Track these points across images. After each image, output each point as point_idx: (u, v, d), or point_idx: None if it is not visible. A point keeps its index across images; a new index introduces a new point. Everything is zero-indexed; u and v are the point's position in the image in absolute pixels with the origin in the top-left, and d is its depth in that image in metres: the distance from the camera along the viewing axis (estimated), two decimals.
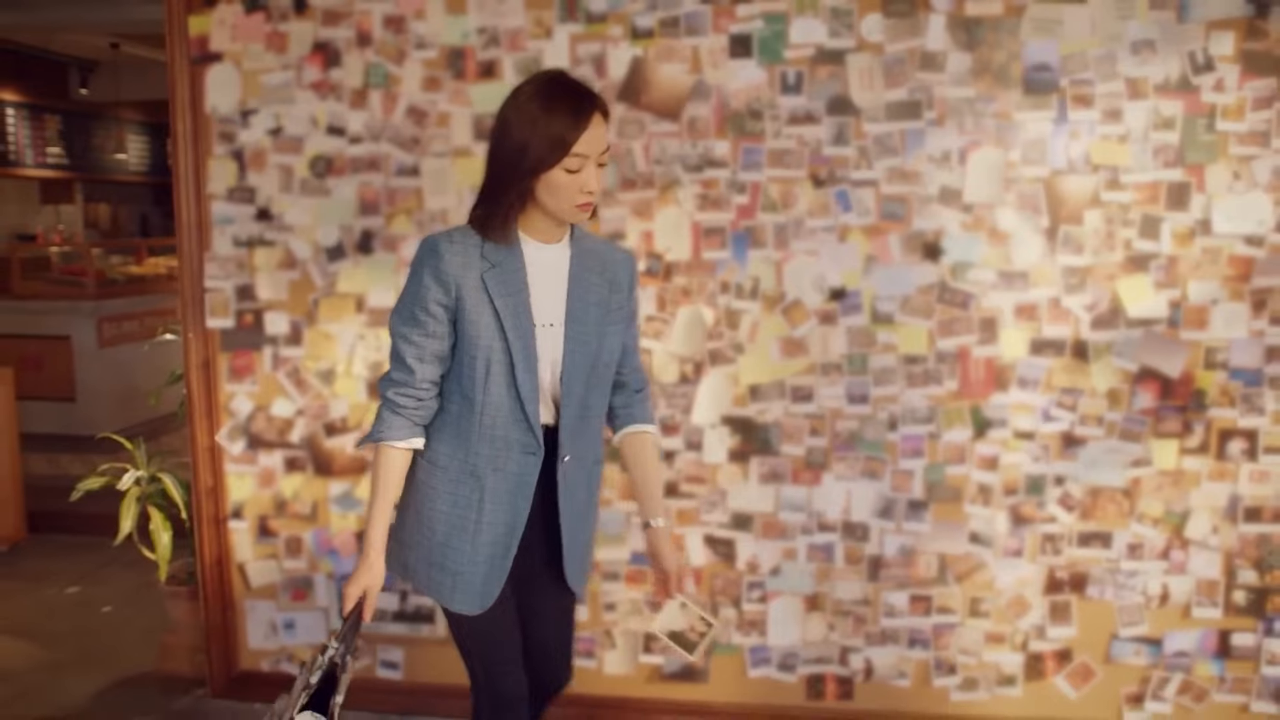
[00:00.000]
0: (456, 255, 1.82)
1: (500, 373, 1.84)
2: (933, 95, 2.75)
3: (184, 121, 2.97)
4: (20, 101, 8.70)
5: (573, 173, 1.77)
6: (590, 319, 1.90)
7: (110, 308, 6.27)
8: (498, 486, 1.88)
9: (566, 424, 1.90)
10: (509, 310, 1.82)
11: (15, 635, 3.76)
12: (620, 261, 1.99)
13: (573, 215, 1.83)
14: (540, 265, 1.88)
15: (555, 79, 1.82)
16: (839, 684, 2.97)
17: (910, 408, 2.84)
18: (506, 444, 1.87)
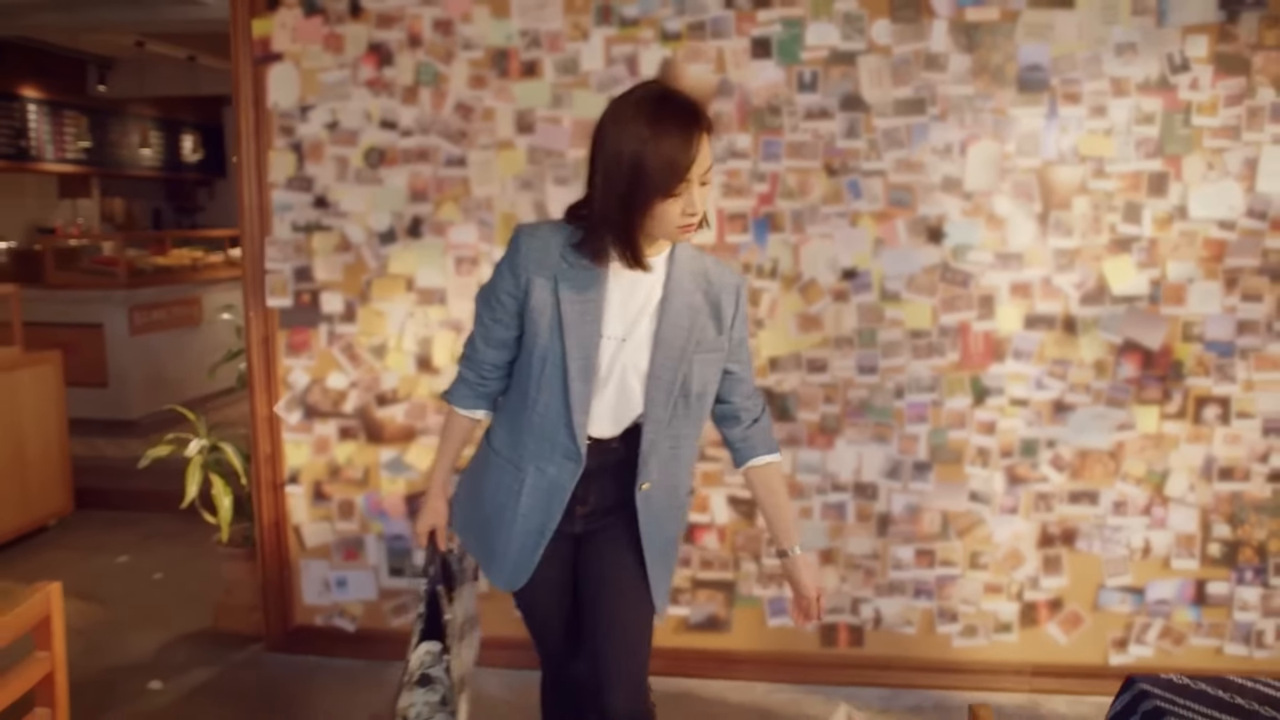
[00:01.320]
0: (534, 250, 1.81)
1: (554, 376, 1.81)
2: (936, 93, 3.02)
3: (247, 117, 3.22)
4: (41, 98, 8.93)
5: (677, 196, 1.68)
6: (677, 344, 1.82)
7: (140, 297, 6.51)
8: (537, 484, 1.88)
9: (647, 452, 1.85)
10: (574, 315, 1.78)
11: (76, 598, 4.00)
12: (728, 286, 1.88)
13: (674, 236, 1.75)
14: (625, 277, 1.81)
15: (664, 96, 1.70)
16: (851, 632, 3.24)
17: (915, 377, 3.11)
18: (552, 445, 1.85)
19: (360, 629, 3.41)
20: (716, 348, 1.87)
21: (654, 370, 1.81)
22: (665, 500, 1.92)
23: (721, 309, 1.86)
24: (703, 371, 1.86)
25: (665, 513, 1.93)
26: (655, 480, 1.88)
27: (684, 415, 1.87)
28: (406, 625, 3.37)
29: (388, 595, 3.39)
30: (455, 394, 1.99)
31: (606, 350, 1.81)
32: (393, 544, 3.35)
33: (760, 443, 1.99)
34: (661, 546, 1.94)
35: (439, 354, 3.24)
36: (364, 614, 3.41)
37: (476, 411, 1.99)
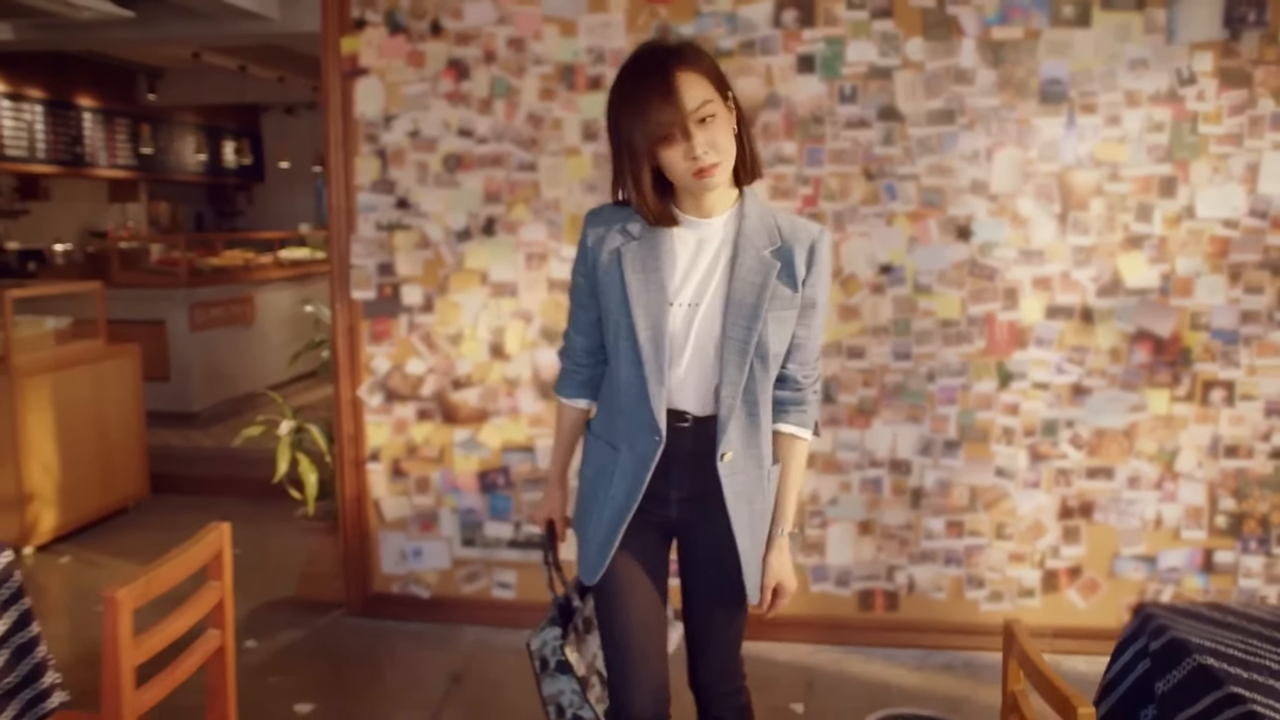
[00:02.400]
0: (598, 228, 1.84)
1: (628, 348, 1.79)
2: (965, 104, 3.32)
3: (336, 126, 3.55)
4: (95, 106, 9.31)
5: (667, 141, 1.68)
6: (750, 301, 1.76)
7: (200, 295, 6.86)
8: (627, 463, 1.84)
9: (725, 418, 1.79)
10: (639, 286, 1.76)
11: None
12: (803, 238, 1.80)
13: (692, 185, 1.71)
14: (690, 241, 1.80)
15: (636, 52, 1.74)
16: (886, 597, 3.53)
17: (946, 363, 3.41)
18: (636, 421, 1.81)
19: (434, 595, 3.72)
20: (792, 305, 1.79)
21: (727, 331, 1.75)
22: (750, 471, 1.84)
23: (795, 263, 1.78)
24: (779, 330, 1.78)
25: (752, 485, 1.85)
26: (737, 450, 1.81)
27: (761, 379, 1.79)
28: (477, 592, 3.69)
29: (460, 564, 3.70)
30: (559, 385, 2.03)
31: (677, 318, 1.77)
32: (465, 517, 3.66)
33: (793, 411, 1.89)
34: (749, 521, 1.85)
35: (510, 342, 3.56)
36: (437, 582, 3.72)
37: (579, 400, 2.00)
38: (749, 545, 1.87)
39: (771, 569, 1.91)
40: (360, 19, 3.50)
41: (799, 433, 1.91)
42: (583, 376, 1.99)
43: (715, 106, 1.69)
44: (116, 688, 1.74)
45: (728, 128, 1.71)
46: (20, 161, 8.39)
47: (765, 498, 1.88)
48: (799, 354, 1.85)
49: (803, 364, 1.87)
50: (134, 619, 1.80)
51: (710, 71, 1.71)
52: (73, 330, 4.99)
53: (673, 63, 1.68)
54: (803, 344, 1.85)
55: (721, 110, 1.70)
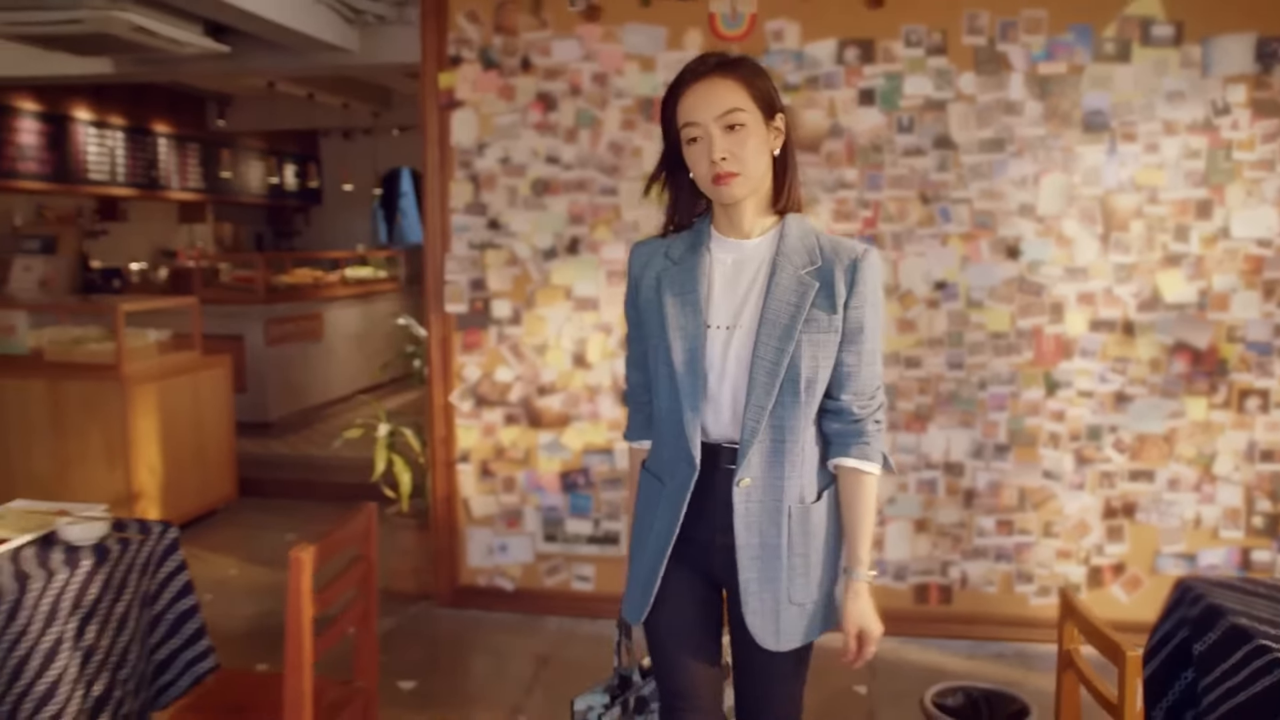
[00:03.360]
0: (641, 255, 1.85)
1: (666, 373, 1.75)
2: (1014, 134, 3.59)
3: (434, 153, 3.88)
4: (169, 132, 9.77)
5: (694, 142, 1.69)
6: (783, 322, 1.69)
7: (275, 311, 7.24)
8: (671, 495, 1.78)
9: (747, 441, 1.71)
10: (676, 309, 1.74)
11: (261, 565, 4.67)
12: (844, 257, 1.73)
13: (712, 191, 1.71)
14: (728, 263, 1.77)
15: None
16: (940, 591, 3.79)
17: (996, 372, 3.68)
18: (675, 451, 1.77)
19: (518, 588, 4.02)
20: (829, 329, 1.70)
21: (758, 351, 1.69)
22: (767, 503, 1.74)
23: (835, 285, 1.70)
24: (813, 354, 1.69)
25: (766, 517, 1.74)
26: (756, 477, 1.73)
27: (791, 404, 1.70)
28: (558, 584, 3.99)
29: (542, 558, 3.99)
30: (627, 429, 1.98)
31: (715, 342, 1.72)
32: (548, 514, 3.96)
33: (853, 443, 1.77)
34: (759, 554, 1.74)
35: (591, 352, 3.86)
36: (521, 575, 4.02)
37: (645, 441, 1.94)
38: (752, 579, 1.74)
39: (851, 616, 1.78)
40: (456, 56, 3.83)
41: (863, 466, 1.77)
42: (645, 415, 1.92)
43: (746, 118, 1.66)
44: (299, 633, 2.05)
45: (759, 146, 1.69)
46: (102, 185, 8.85)
47: (781, 535, 1.74)
48: (852, 384, 1.75)
49: (858, 394, 1.75)
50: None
51: (753, 87, 1.69)
52: (171, 342, 5.35)
53: (715, 67, 1.69)
54: (854, 373, 1.74)
55: (755, 125, 1.68)
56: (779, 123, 1.73)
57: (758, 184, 1.72)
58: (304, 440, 7.05)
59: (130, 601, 2.45)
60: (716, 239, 1.79)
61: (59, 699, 2.20)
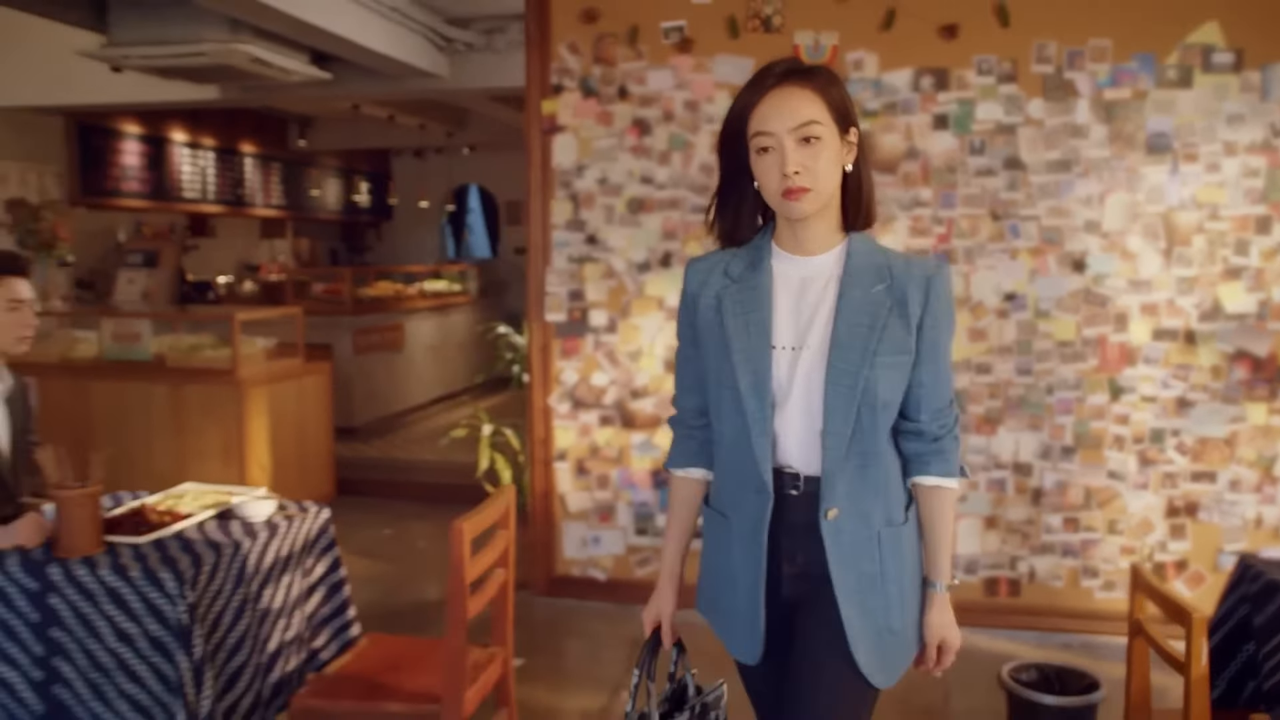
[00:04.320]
0: (698, 273, 1.76)
1: (730, 398, 1.68)
2: (1080, 155, 3.84)
3: (536, 174, 4.21)
4: (254, 152, 10.25)
5: (766, 152, 1.61)
6: (857, 344, 1.63)
7: (361, 322, 7.64)
8: (741, 529, 1.71)
9: (830, 470, 1.64)
10: (739, 329, 1.67)
11: (363, 557, 5.01)
12: (917, 275, 1.67)
13: (781, 206, 1.63)
14: (793, 280, 1.70)
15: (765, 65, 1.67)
16: (1009, 585, 4.02)
17: (1063, 378, 3.92)
18: (742, 480, 1.69)
19: (609, 578, 4.31)
20: (906, 349, 1.65)
21: (832, 375, 1.62)
22: (858, 531, 1.67)
23: (908, 303, 1.65)
24: (890, 376, 1.64)
25: (859, 548, 1.67)
26: (844, 507, 1.66)
27: (870, 428, 1.65)
28: (648, 575, 4.28)
29: (633, 550, 4.29)
30: (669, 456, 1.89)
31: (781, 363, 1.66)
32: (639, 509, 4.26)
33: (934, 461, 1.73)
34: (856, 587, 1.67)
35: None
36: (613, 566, 4.31)
37: (691, 470, 1.85)
38: (855, 615, 1.67)
39: (932, 627, 1.76)
40: (559, 85, 4.17)
41: (944, 483, 1.74)
42: (695, 443, 1.83)
43: (823, 131, 1.59)
44: (460, 594, 2.36)
45: (833, 160, 1.62)
46: (194, 202, 9.33)
47: (876, 562, 1.69)
48: (929, 402, 1.71)
49: (936, 413, 1.72)
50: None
51: (830, 97, 1.62)
52: (277, 350, 5.74)
53: (790, 76, 1.61)
54: (930, 392, 1.70)
55: (831, 139, 1.61)
56: (853, 136, 1.66)
57: (828, 200, 1.65)
58: (388, 444, 7.42)
59: (294, 570, 2.79)
60: (779, 255, 1.72)
61: (244, 651, 2.53)
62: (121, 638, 2.37)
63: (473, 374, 9.36)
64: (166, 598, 2.34)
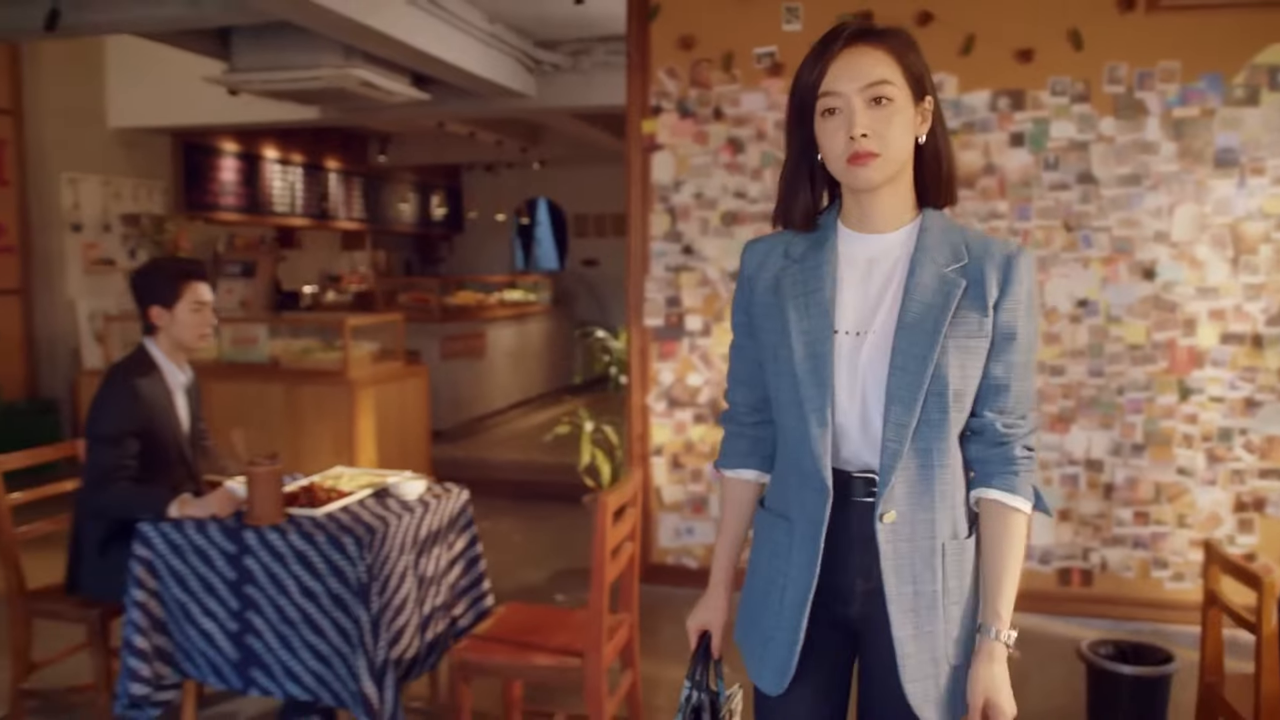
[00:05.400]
0: (756, 254, 1.63)
1: (788, 387, 1.54)
2: (1150, 170, 4.09)
3: (636, 189, 4.54)
4: (338, 168, 10.74)
5: (832, 114, 1.46)
6: (927, 326, 1.47)
7: (448, 330, 8.03)
8: (804, 532, 1.55)
9: (888, 467, 1.48)
10: (799, 311, 1.53)
11: None
12: (995, 254, 1.51)
13: (846, 173, 1.48)
14: (859, 260, 1.55)
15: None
16: (1082, 575, 4.26)
17: (1133, 380, 4.16)
18: (803, 478, 1.54)
19: (701, 566, 4.62)
20: (979, 332, 1.49)
21: (897, 359, 1.47)
22: (919, 541, 1.51)
23: (986, 284, 1.49)
24: (962, 362, 1.48)
25: (919, 560, 1.51)
26: (902, 511, 1.50)
27: (938, 422, 1.49)
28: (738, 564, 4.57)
29: None
30: (720, 455, 1.76)
31: (843, 349, 1.51)
32: None
33: (996, 473, 1.53)
34: (912, 605, 1.51)
35: None
36: (704, 554, 4.62)
37: (744, 471, 1.71)
38: (908, 637, 1.51)
39: (978, 681, 1.49)
40: (657, 106, 4.50)
41: (1008, 499, 1.51)
42: (747, 441, 1.71)
43: (895, 92, 1.46)
44: (602, 558, 2.68)
45: (905, 125, 1.48)
46: (283, 216, 9.83)
47: (938, 579, 1.52)
48: (999, 399, 1.52)
49: (1005, 412, 1.53)
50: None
51: (905, 60, 1.49)
52: (379, 354, 6.13)
53: (862, 36, 1.48)
54: (1002, 385, 1.52)
55: (904, 102, 1.47)
56: (928, 104, 1.52)
57: (897, 171, 1.50)
58: (473, 445, 7.80)
59: (440, 544, 3.13)
60: (845, 234, 1.57)
61: (406, 612, 2.88)
62: (306, 594, 2.73)
63: (549, 381, 9.74)
64: (348, 559, 2.69)
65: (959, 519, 1.55)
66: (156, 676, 2.82)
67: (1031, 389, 1.57)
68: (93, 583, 3.12)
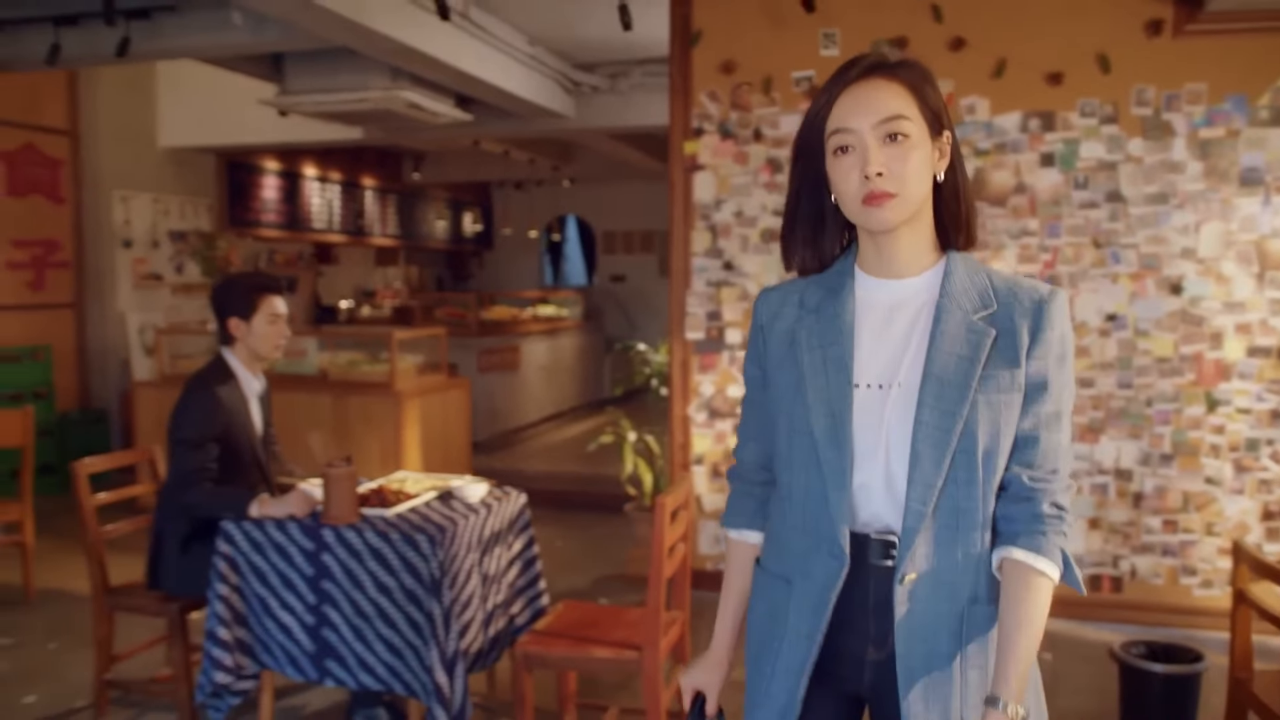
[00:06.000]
0: (770, 304, 1.56)
1: (803, 446, 1.46)
2: (1176, 188, 4.24)
3: (679, 208, 4.72)
4: (373, 186, 10.98)
5: (844, 152, 1.40)
6: (955, 379, 1.40)
7: (485, 343, 8.22)
8: (805, 597, 1.47)
9: (911, 527, 1.40)
10: (816, 365, 1.46)
11: None
12: (1025, 300, 1.44)
13: (861, 215, 1.41)
14: (879, 308, 1.48)
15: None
16: (1112, 581, 4.39)
17: (1161, 392, 4.29)
18: (815, 541, 1.46)
19: None
20: (1011, 387, 1.41)
21: (923, 414, 1.39)
22: (939, 605, 1.42)
23: (1016, 333, 1.42)
24: (993, 419, 1.40)
25: (936, 623, 1.41)
26: (923, 571, 1.41)
27: (966, 482, 1.40)
28: None
29: None
30: (725, 514, 1.69)
31: (864, 405, 1.43)
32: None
33: (1022, 533, 1.41)
34: (925, 664, 1.41)
35: None
36: None
37: (749, 533, 1.65)
38: (917, 700, 1.41)
39: None
40: (699, 128, 4.68)
41: (1032, 561, 1.39)
42: (754, 501, 1.64)
43: (911, 128, 1.39)
44: (660, 556, 2.84)
45: (922, 164, 1.40)
46: (321, 232, 10.06)
47: (954, 643, 1.42)
48: (1026, 451, 1.43)
49: (1033, 466, 1.43)
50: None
51: (921, 94, 1.42)
52: (423, 366, 6.32)
53: (876, 69, 1.42)
54: (1030, 438, 1.43)
55: (921, 138, 1.40)
56: (946, 140, 1.46)
57: (916, 210, 1.43)
58: (510, 456, 7.98)
59: (501, 544, 3.30)
60: (863, 280, 1.50)
61: (472, 608, 3.04)
62: (381, 589, 2.90)
63: (580, 395, 9.92)
64: (421, 556, 2.86)
65: (983, 583, 1.44)
66: (237, 667, 3.00)
67: (1064, 441, 1.45)
68: (173, 579, 3.30)
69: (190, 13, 4.82)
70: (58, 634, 4.25)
